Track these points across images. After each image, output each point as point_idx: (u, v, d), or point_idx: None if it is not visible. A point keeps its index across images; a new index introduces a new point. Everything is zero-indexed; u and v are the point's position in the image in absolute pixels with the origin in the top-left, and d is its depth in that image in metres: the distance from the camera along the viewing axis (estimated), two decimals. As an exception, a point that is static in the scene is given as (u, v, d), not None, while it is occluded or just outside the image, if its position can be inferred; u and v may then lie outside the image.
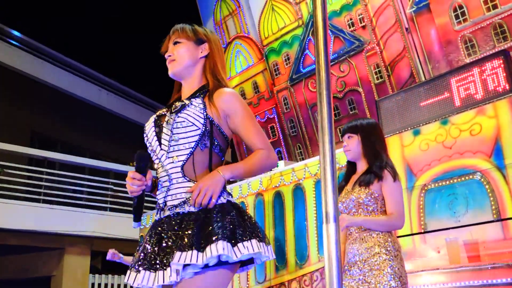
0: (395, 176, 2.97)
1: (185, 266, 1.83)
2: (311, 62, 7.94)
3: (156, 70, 17.90)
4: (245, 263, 2.00)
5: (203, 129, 1.99)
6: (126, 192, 11.80)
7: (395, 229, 3.00)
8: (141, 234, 8.29)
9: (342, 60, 7.45)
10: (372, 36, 7.07)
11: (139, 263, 1.95)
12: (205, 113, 2.01)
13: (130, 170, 2.11)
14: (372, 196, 2.92)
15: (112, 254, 5.38)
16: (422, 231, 4.54)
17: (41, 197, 10.58)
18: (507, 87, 4.64)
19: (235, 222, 1.89)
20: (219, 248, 1.78)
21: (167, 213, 2.00)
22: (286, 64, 8.31)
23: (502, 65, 4.75)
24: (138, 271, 1.92)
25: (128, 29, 18.14)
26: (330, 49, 7.40)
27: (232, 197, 2.04)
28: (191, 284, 1.83)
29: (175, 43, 2.19)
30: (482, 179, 4.22)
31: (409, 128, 5.11)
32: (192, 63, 2.16)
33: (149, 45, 18.57)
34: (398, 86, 6.77)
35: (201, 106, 2.03)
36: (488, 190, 4.17)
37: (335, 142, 1.58)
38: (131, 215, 2.09)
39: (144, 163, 2.04)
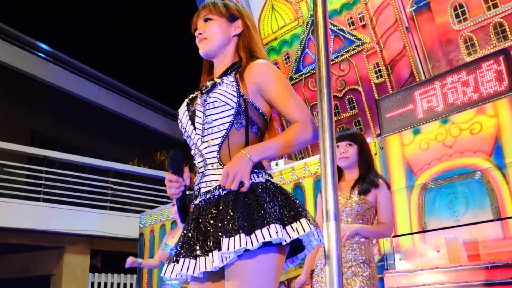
0: (388, 186, 3.15)
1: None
2: (311, 61, 7.93)
3: (156, 69, 17.91)
4: (295, 251, 1.89)
5: (237, 108, 1.85)
6: (125, 191, 11.83)
7: (384, 237, 3.26)
8: (141, 232, 8.29)
9: (342, 59, 7.44)
10: (372, 35, 7.06)
11: (177, 253, 1.83)
12: (238, 90, 1.87)
13: (159, 171, 2.00)
14: (368, 207, 3.06)
15: (131, 262, 5.37)
16: (422, 230, 4.53)
17: (41, 196, 10.57)
18: (508, 86, 4.64)
19: (281, 203, 1.76)
20: (271, 232, 1.64)
21: (202, 198, 1.88)
22: (286, 63, 8.30)
23: (502, 64, 4.75)
24: (177, 261, 1.81)
25: (128, 27, 18.13)
26: (330, 47, 7.39)
27: (271, 177, 1.90)
28: (242, 271, 1.70)
29: (206, 20, 2.02)
30: (482, 178, 4.22)
31: (409, 127, 5.10)
32: (225, 42, 2.01)
33: (149, 43, 18.59)
34: (398, 85, 6.76)
35: (234, 83, 1.88)
36: (488, 189, 4.17)
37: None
38: (130, 214, 2.05)
39: (178, 163, 1.93)
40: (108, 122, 15.50)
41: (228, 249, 1.63)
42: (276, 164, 6.32)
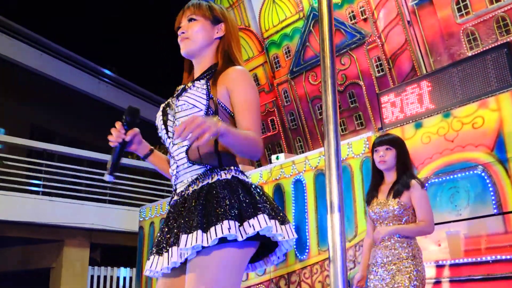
0: (422, 184, 3.26)
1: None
2: (311, 55, 7.91)
3: (155, 63, 17.86)
4: (268, 247, 1.90)
5: (206, 109, 1.88)
6: (125, 185, 11.82)
7: (425, 235, 3.32)
8: (140, 225, 8.29)
9: (343, 53, 7.41)
10: (373, 29, 7.03)
11: (150, 251, 1.92)
12: (207, 93, 1.90)
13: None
14: (404, 208, 3.19)
15: None
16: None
17: (40, 189, 10.56)
18: (510, 80, 4.62)
19: (242, 199, 1.79)
20: (224, 228, 1.68)
21: (175, 198, 1.95)
22: (287, 57, 8.27)
23: (505, 58, 4.73)
24: (148, 259, 1.90)
25: (128, 21, 18.07)
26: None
27: (243, 174, 1.93)
28: (199, 266, 1.73)
29: (190, 20, 2.05)
30: (483, 173, 4.20)
31: (410, 121, 5.09)
32: (207, 43, 2.04)
33: (148, 37, 18.53)
34: (399, 79, 6.74)
35: (204, 86, 1.93)
36: (490, 184, 4.15)
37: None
38: (130, 208, 2.07)
39: (131, 117, 1.99)
40: (107, 115, 15.45)
41: (185, 246, 1.69)
42: (277, 158, 6.31)
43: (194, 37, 2.02)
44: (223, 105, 1.92)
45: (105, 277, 11.33)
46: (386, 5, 6.84)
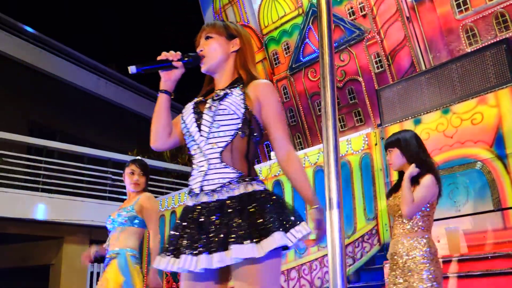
0: (435, 174, 3.16)
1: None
2: (311, 51, 7.90)
3: (155, 60, 17.81)
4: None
5: (243, 118, 2.04)
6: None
7: (405, 206, 3.10)
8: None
9: (342, 49, 7.41)
10: (372, 25, 7.03)
11: (175, 248, 1.96)
12: (244, 103, 2.06)
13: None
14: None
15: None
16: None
17: (40, 186, 10.55)
18: (509, 76, 4.62)
19: (279, 210, 1.94)
20: (277, 240, 1.83)
21: (204, 198, 2.01)
22: (286, 53, 8.27)
23: (504, 54, 4.73)
24: (176, 256, 1.94)
25: (128, 18, 18.05)
26: (331, 38, 7.36)
27: (263, 183, 2.10)
28: (250, 273, 1.88)
29: (207, 38, 2.22)
30: (483, 169, 4.21)
31: (409, 117, 5.09)
32: (224, 58, 2.20)
33: (148, 34, 18.49)
34: (399, 75, 6.73)
35: (241, 96, 2.07)
36: (489, 180, 4.15)
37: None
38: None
39: (192, 60, 2.14)
40: (107, 112, 15.46)
41: (240, 255, 1.81)
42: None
43: (211, 54, 2.18)
44: (255, 117, 2.07)
45: (105, 273, 11.32)
46: (385, 1, 6.84)
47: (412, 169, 3.15)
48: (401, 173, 3.35)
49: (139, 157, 4.40)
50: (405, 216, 3.11)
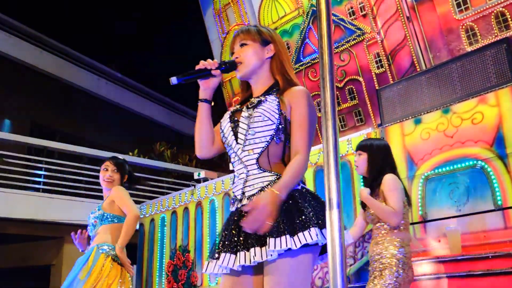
0: (394, 173, 3.14)
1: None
2: (311, 51, 7.90)
3: (155, 60, 17.83)
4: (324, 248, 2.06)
5: (278, 124, 2.05)
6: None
7: (389, 220, 3.05)
8: (141, 222, 8.30)
9: (342, 49, 7.40)
10: (373, 25, 7.02)
11: (218, 250, 2.02)
12: (279, 109, 2.07)
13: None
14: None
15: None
16: (423, 220, 4.53)
17: (40, 186, 10.55)
18: (509, 76, 4.62)
19: (316, 207, 1.97)
20: (312, 235, 1.85)
21: (245, 202, 2.05)
22: (286, 53, 8.26)
23: (504, 54, 4.72)
24: (218, 258, 2.01)
25: (127, 17, 18.04)
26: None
27: (304, 183, 2.12)
28: (283, 267, 1.90)
29: (242, 45, 2.22)
30: (483, 168, 4.20)
31: (410, 117, 5.08)
32: (259, 64, 2.20)
33: (148, 33, 18.48)
34: (399, 75, 6.73)
35: (276, 102, 2.09)
36: (489, 179, 4.15)
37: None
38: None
39: (229, 66, 2.15)
40: (107, 112, 15.47)
41: (275, 248, 1.84)
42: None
43: (246, 61, 2.18)
44: (290, 121, 2.08)
45: (105, 273, 11.32)
46: (385, 1, 6.83)
47: (364, 194, 3.11)
48: (365, 178, 3.38)
49: (118, 156, 4.43)
50: (395, 226, 3.07)
